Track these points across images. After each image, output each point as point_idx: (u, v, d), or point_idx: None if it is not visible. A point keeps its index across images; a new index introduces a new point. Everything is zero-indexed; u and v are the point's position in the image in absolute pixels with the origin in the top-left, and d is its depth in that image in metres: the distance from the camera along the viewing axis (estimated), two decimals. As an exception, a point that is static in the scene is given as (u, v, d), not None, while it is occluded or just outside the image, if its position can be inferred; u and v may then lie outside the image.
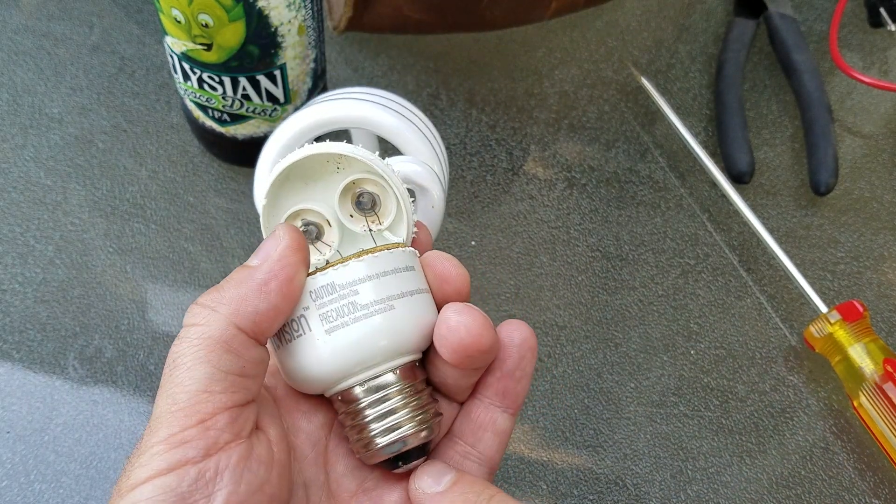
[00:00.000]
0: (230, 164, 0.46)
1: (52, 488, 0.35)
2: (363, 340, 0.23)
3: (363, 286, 0.24)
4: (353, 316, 0.23)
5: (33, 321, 0.40)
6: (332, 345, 0.23)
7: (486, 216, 0.46)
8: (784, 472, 0.39)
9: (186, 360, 0.22)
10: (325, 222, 0.26)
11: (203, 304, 0.23)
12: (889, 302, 0.44)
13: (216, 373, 0.22)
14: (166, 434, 0.21)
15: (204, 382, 0.21)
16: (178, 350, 0.22)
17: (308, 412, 0.26)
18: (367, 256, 0.24)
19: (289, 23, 0.37)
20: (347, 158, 0.26)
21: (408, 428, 0.24)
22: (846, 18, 0.56)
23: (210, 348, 0.22)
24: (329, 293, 0.24)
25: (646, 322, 0.43)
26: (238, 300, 0.22)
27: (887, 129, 0.52)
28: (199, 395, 0.21)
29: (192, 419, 0.21)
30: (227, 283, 0.23)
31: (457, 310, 0.24)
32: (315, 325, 0.24)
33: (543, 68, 0.52)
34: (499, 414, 0.26)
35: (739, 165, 0.47)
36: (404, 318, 0.24)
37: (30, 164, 0.45)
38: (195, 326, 0.22)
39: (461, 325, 0.23)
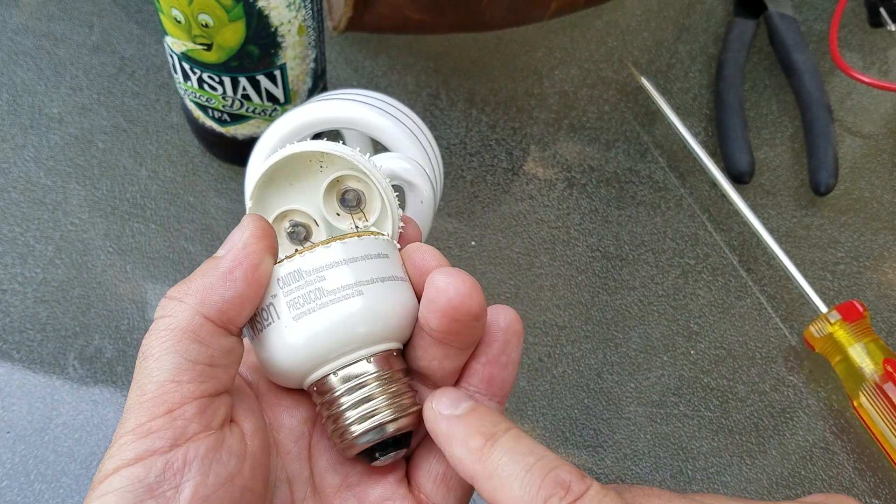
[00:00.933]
0: (230, 164, 0.46)
1: (52, 488, 0.35)
2: (332, 327, 0.23)
3: (330, 272, 0.23)
4: (319, 301, 0.23)
5: (33, 321, 0.40)
6: (299, 331, 0.23)
7: (486, 216, 0.46)
8: (784, 472, 0.39)
9: (154, 352, 0.22)
10: (312, 222, 0.26)
11: (171, 297, 0.23)
12: (889, 302, 0.44)
13: (183, 362, 0.22)
14: (134, 424, 0.21)
15: (171, 372, 0.21)
16: (147, 342, 0.22)
17: (290, 407, 0.26)
18: (335, 243, 0.24)
19: (289, 23, 0.37)
20: (330, 156, 0.25)
21: (385, 415, 0.23)
22: (846, 18, 0.56)
23: (177, 338, 0.22)
24: (296, 280, 0.23)
25: (646, 322, 0.43)
26: (204, 290, 0.23)
27: (887, 129, 0.52)
28: (167, 385, 0.21)
29: (159, 409, 0.21)
30: (195, 274, 0.23)
31: (445, 272, 0.23)
32: (283, 313, 0.23)
33: (543, 68, 0.52)
34: (485, 403, 0.25)
35: (739, 165, 0.47)
36: (375, 304, 0.23)
37: (30, 164, 0.45)
38: (163, 318, 0.22)
39: (450, 286, 0.23)
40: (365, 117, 0.32)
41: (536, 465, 0.20)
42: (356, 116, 0.32)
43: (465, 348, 0.25)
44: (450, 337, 0.24)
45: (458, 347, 0.24)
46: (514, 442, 0.21)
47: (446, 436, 0.22)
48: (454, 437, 0.22)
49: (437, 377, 0.25)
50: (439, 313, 0.23)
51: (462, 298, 0.23)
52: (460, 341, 0.24)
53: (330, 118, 0.33)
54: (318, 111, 0.33)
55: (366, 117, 0.32)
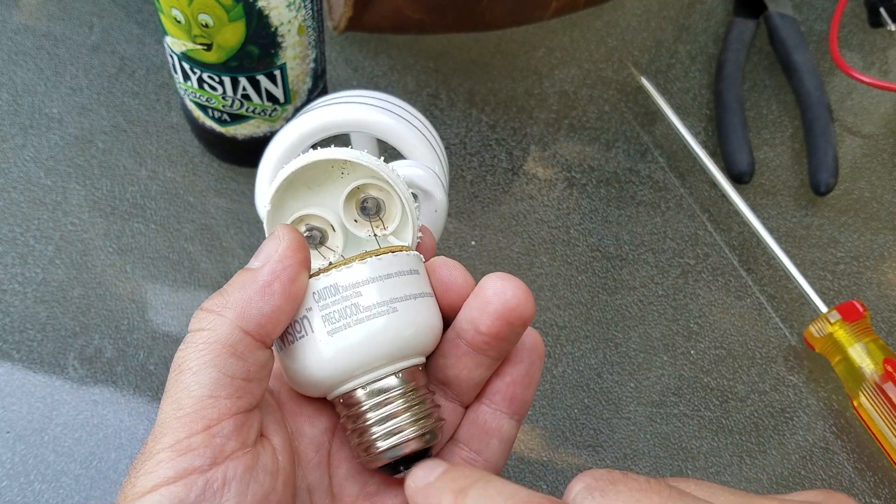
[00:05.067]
0: (230, 164, 0.46)
1: (52, 488, 0.35)
2: (366, 342, 0.23)
3: (366, 288, 0.24)
4: (355, 317, 0.23)
5: (33, 321, 0.40)
6: (334, 346, 0.23)
7: (486, 216, 0.46)
8: (784, 472, 0.39)
9: (192, 365, 0.22)
10: (329, 227, 0.26)
11: (208, 310, 0.22)
12: (889, 302, 0.44)
13: (222, 377, 0.21)
14: (172, 440, 0.21)
15: (210, 387, 0.21)
16: (183, 355, 0.22)
17: (312, 416, 0.26)
18: (371, 259, 0.24)
19: (289, 23, 0.37)
20: (352, 164, 0.25)
21: (409, 432, 0.24)
22: (846, 18, 0.56)
23: (216, 353, 0.22)
24: (332, 294, 0.23)
25: (646, 322, 0.43)
26: (243, 303, 0.22)
27: (887, 129, 0.52)
28: (205, 401, 0.21)
29: (197, 425, 0.21)
30: (231, 286, 0.23)
31: (501, 276, 0.24)
32: (318, 327, 0.23)
33: (543, 68, 0.52)
34: (506, 420, 0.26)
35: (739, 165, 0.47)
36: (407, 321, 0.24)
37: (30, 164, 0.45)
38: (201, 331, 0.22)
39: (508, 289, 0.23)
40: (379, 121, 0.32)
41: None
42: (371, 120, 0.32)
43: (499, 358, 0.25)
44: (494, 342, 0.24)
45: (494, 357, 0.25)
46: (483, 489, 0.21)
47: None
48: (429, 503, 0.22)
49: (463, 388, 0.26)
50: (494, 315, 0.24)
51: (519, 301, 0.23)
52: (500, 348, 0.25)
53: (344, 121, 0.32)
54: (331, 115, 0.32)
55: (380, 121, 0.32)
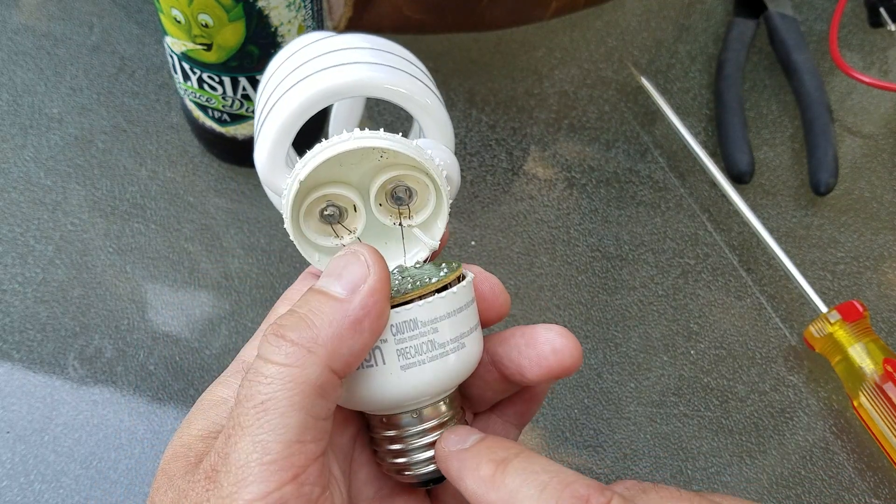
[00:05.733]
0: (230, 164, 0.46)
1: (52, 488, 0.35)
2: (436, 379, 0.23)
3: (443, 324, 0.23)
4: (430, 354, 0.23)
5: (33, 321, 0.40)
6: (405, 380, 0.23)
7: (486, 216, 0.46)
8: (784, 472, 0.39)
9: (280, 406, 0.20)
10: (351, 206, 0.25)
11: (296, 343, 0.21)
12: (889, 302, 0.44)
13: (309, 420, 0.20)
14: (261, 491, 0.20)
15: (298, 431, 0.20)
16: (268, 391, 0.20)
17: (340, 424, 0.25)
18: (448, 293, 0.23)
19: (289, 23, 0.37)
20: (395, 151, 0.24)
21: None
22: (846, 18, 0.56)
23: (305, 394, 0.20)
24: (411, 329, 0.23)
25: (646, 322, 0.43)
26: (334, 341, 0.21)
27: (887, 129, 0.52)
28: (293, 447, 0.20)
29: (287, 474, 0.20)
30: (317, 316, 0.21)
31: (559, 333, 0.24)
32: (390, 360, 0.23)
33: (543, 68, 0.52)
34: (512, 430, 0.27)
35: (739, 165, 0.47)
36: (471, 355, 0.24)
37: (30, 164, 0.45)
38: (290, 368, 0.20)
39: (566, 349, 0.24)
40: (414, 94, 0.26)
41: (551, 482, 0.20)
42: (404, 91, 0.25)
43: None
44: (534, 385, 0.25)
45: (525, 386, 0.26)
46: (526, 463, 0.21)
47: (458, 470, 0.22)
48: (465, 469, 0.22)
49: (482, 404, 0.27)
50: (546, 370, 0.24)
51: (574, 361, 0.24)
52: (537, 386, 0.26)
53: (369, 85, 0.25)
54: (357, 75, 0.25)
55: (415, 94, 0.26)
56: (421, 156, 0.24)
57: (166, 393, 0.38)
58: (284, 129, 0.24)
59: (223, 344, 0.40)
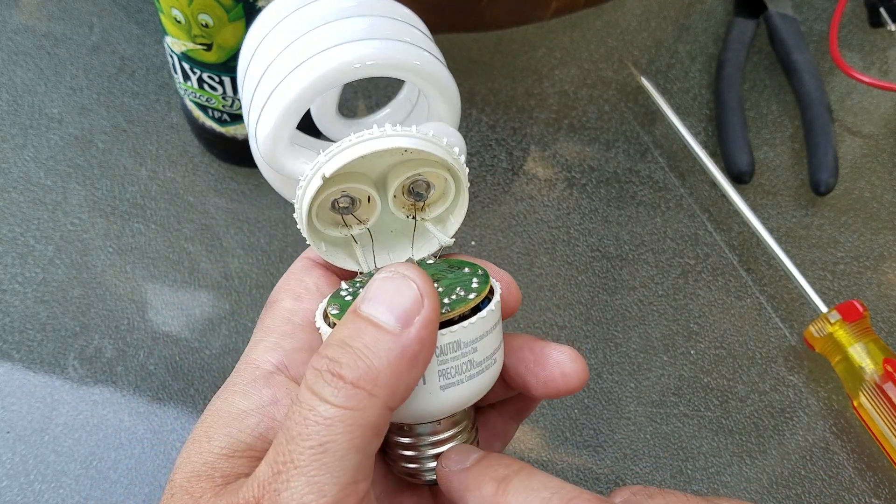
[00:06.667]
0: (230, 164, 0.46)
1: (52, 488, 0.35)
2: (471, 395, 0.23)
3: (481, 343, 0.23)
4: (468, 374, 0.23)
5: (33, 321, 0.40)
6: (443, 399, 0.23)
7: (486, 216, 0.46)
8: (784, 472, 0.39)
9: (339, 449, 0.20)
10: (365, 197, 0.24)
11: (357, 386, 0.20)
12: (889, 302, 0.44)
13: (364, 460, 0.20)
14: None
15: (353, 473, 0.20)
16: (326, 434, 0.20)
17: None
18: (486, 312, 0.23)
19: (289, 23, 0.37)
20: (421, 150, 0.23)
21: None
22: (846, 18, 0.56)
23: (365, 437, 0.20)
24: (453, 350, 0.22)
25: (646, 322, 0.43)
26: (393, 380, 0.20)
27: (887, 129, 0.52)
28: (348, 488, 0.20)
29: None
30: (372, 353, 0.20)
31: (570, 357, 0.24)
32: (431, 380, 0.22)
33: (543, 68, 0.52)
34: (511, 426, 0.28)
35: (739, 165, 0.47)
36: (499, 368, 0.24)
37: (30, 164, 0.45)
38: (350, 411, 0.20)
39: (575, 373, 0.24)
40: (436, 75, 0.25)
41: (553, 499, 0.20)
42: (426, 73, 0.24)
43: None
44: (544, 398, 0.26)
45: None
46: (527, 480, 0.21)
47: (459, 490, 0.22)
48: (467, 489, 0.22)
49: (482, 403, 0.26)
50: (553, 391, 0.24)
51: (580, 383, 0.24)
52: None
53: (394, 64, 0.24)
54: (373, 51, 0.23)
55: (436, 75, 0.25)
56: (448, 154, 0.23)
57: (166, 393, 0.38)
58: (293, 108, 0.23)
59: (223, 344, 0.40)
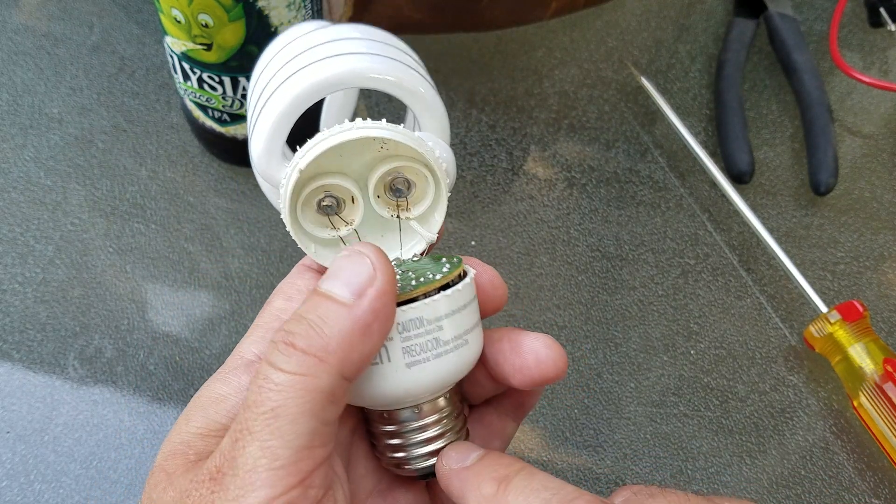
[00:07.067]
0: (230, 164, 0.46)
1: (52, 488, 0.35)
2: (440, 375, 0.23)
3: (447, 321, 0.23)
4: (435, 352, 0.23)
5: (33, 321, 0.40)
6: (409, 377, 0.23)
7: (486, 216, 0.46)
8: (784, 472, 0.39)
9: (290, 413, 0.20)
10: (349, 197, 0.25)
11: (307, 352, 0.21)
12: (889, 302, 0.44)
13: (319, 426, 0.21)
14: (268, 496, 0.20)
15: (307, 438, 0.20)
16: (277, 399, 0.20)
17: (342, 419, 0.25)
18: (452, 291, 0.23)
19: (289, 23, 0.37)
20: (396, 143, 0.24)
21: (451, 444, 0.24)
22: (846, 18, 0.56)
23: (317, 402, 0.20)
24: (416, 327, 0.23)
25: (646, 322, 0.43)
26: (345, 348, 0.21)
27: (887, 129, 0.52)
28: (302, 452, 0.20)
29: (294, 478, 0.20)
30: (325, 324, 0.21)
31: (545, 344, 0.24)
32: (395, 357, 0.23)
33: (543, 68, 0.52)
34: (509, 423, 0.27)
35: (739, 165, 0.47)
36: (472, 352, 0.24)
37: (30, 164, 0.45)
38: (302, 377, 0.20)
39: (550, 360, 0.24)
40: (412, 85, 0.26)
41: (553, 500, 0.20)
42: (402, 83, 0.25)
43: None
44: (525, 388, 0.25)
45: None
46: (528, 480, 0.21)
47: (459, 489, 0.22)
48: (467, 488, 0.22)
49: (474, 398, 0.27)
50: (529, 380, 0.24)
51: (557, 372, 0.24)
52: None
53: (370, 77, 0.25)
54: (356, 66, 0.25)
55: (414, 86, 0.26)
56: (422, 147, 0.24)
57: (166, 393, 0.38)
58: (280, 121, 0.24)
59: (223, 344, 0.40)
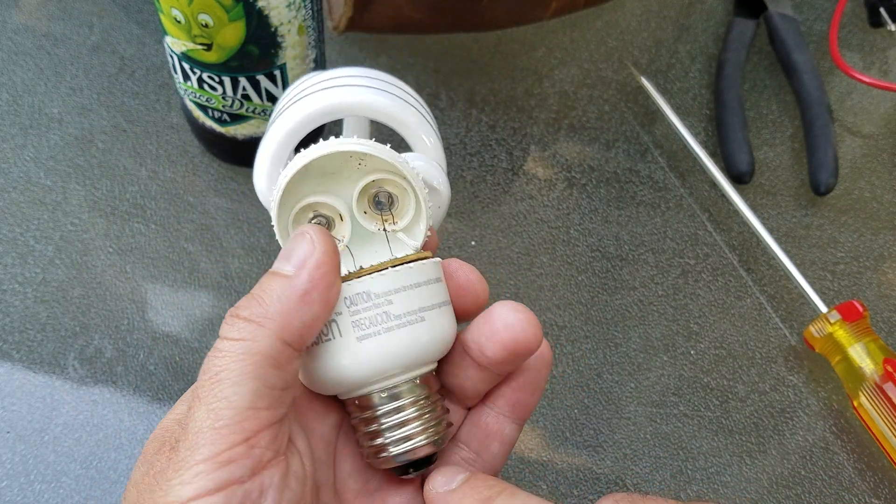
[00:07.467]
0: (230, 164, 0.46)
1: (52, 488, 0.35)
2: (393, 350, 0.24)
3: (398, 296, 0.24)
4: (385, 325, 0.23)
5: (33, 321, 0.40)
6: (361, 352, 0.23)
7: (486, 216, 0.46)
8: (784, 472, 0.39)
9: (232, 375, 0.21)
10: (337, 215, 0.26)
11: (247, 319, 0.22)
12: (889, 302, 0.44)
13: (262, 389, 0.21)
14: (211, 452, 0.20)
15: (250, 399, 0.21)
16: (221, 364, 0.21)
17: (322, 413, 0.26)
18: (403, 267, 0.24)
19: (289, 23, 0.37)
20: (372, 157, 0.25)
21: (421, 439, 0.24)
22: (846, 18, 0.56)
23: (257, 364, 0.21)
24: (364, 301, 0.23)
25: (646, 322, 0.43)
26: (283, 314, 0.22)
27: (887, 129, 0.52)
28: (245, 413, 0.21)
29: (237, 437, 0.21)
30: (266, 293, 0.22)
31: (513, 308, 0.24)
32: (346, 332, 0.23)
33: (543, 68, 0.52)
34: (508, 424, 0.27)
35: (739, 165, 0.47)
36: (432, 330, 0.24)
37: (30, 164, 0.45)
38: (241, 341, 0.22)
39: (517, 323, 0.24)
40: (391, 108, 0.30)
41: None
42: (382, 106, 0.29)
43: (504, 375, 0.26)
44: (499, 366, 0.25)
45: (498, 374, 0.25)
46: (509, 500, 0.21)
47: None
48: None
49: (467, 395, 0.26)
50: (501, 345, 0.24)
51: (527, 336, 0.24)
52: (505, 370, 0.25)
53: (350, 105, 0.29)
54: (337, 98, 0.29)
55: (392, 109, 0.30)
56: (395, 159, 0.25)
57: (166, 393, 0.38)
58: (277, 154, 0.26)
59: (223, 344, 0.40)
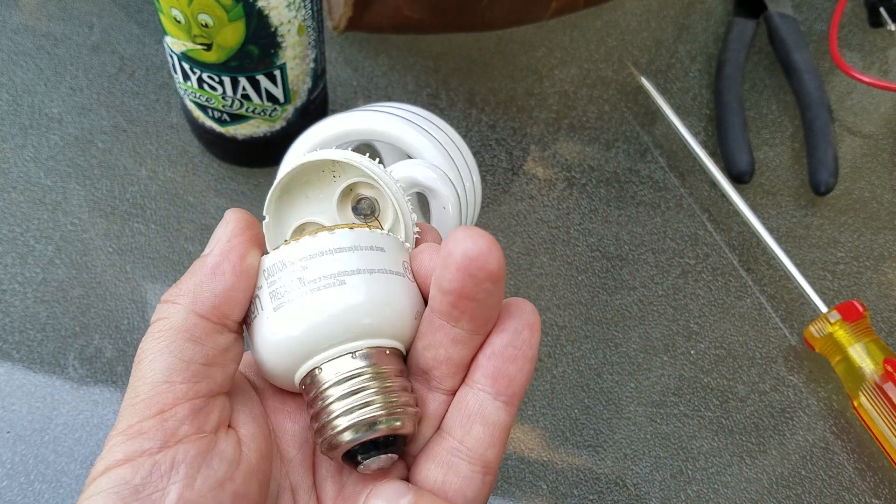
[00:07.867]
0: (230, 164, 0.46)
1: (52, 488, 0.35)
2: (310, 316, 0.22)
3: (313, 261, 0.23)
4: (299, 291, 0.22)
5: (33, 321, 0.40)
6: (279, 321, 0.22)
7: (486, 216, 0.46)
8: (784, 472, 0.39)
9: (149, 354, 0.22)
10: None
11: (164, 300, 0.23)
12: (889, 302, 0.44)
13: (177, 363, 0.21)
14: (125, 426, 0.21)
15: (164, 373, 0.21)
16: (142, 346, 0.22)
17: (293, 412, 0.25)
18: (323, 233, 0.23)
19: (289, 23, 0.37)
20: (341, 165, 0.25)
21: (373, 409, 0.22)
22: (846, 18, 0.56)
23: (171, 339, 0.22)
24: (280, 270, 0.23)
25: (646, 322, 0.43)
26: (194, 288, 0.22)
27: (887, 129, 0.52)
28: (159, 387, 0.21)
29: (150, 410, 0.21)
30: (185, 276, 0.23)
31: (465, 229, 0.22)
32: (266, 304, 0.23)
33: (543, 68, 0.52)
34: (489, 402, 0.23)
35: (739, 165, 0.47)
36: (357, 296, 0.22)
37: (30, 164, 0.45)
38: (158, 321, 0.22)
39: (468, 239, 0.21)
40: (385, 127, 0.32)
41: None
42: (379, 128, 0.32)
43: (476, 330, 0.23)
44: (461, 302, 0.22)
45: (469, 329, 0.23)
46: None
47: None
48: None
49: (444, 371, 0.23)
50: (455, 267, 0.21)
51: (480, 251, 0.21)
52: (471, 313, 0.22)
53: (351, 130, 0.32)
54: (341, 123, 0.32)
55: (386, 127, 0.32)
56: (359, 161, 0.25)
57: (166, 393, 0.38)
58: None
59: (223, 344, 0.40)
